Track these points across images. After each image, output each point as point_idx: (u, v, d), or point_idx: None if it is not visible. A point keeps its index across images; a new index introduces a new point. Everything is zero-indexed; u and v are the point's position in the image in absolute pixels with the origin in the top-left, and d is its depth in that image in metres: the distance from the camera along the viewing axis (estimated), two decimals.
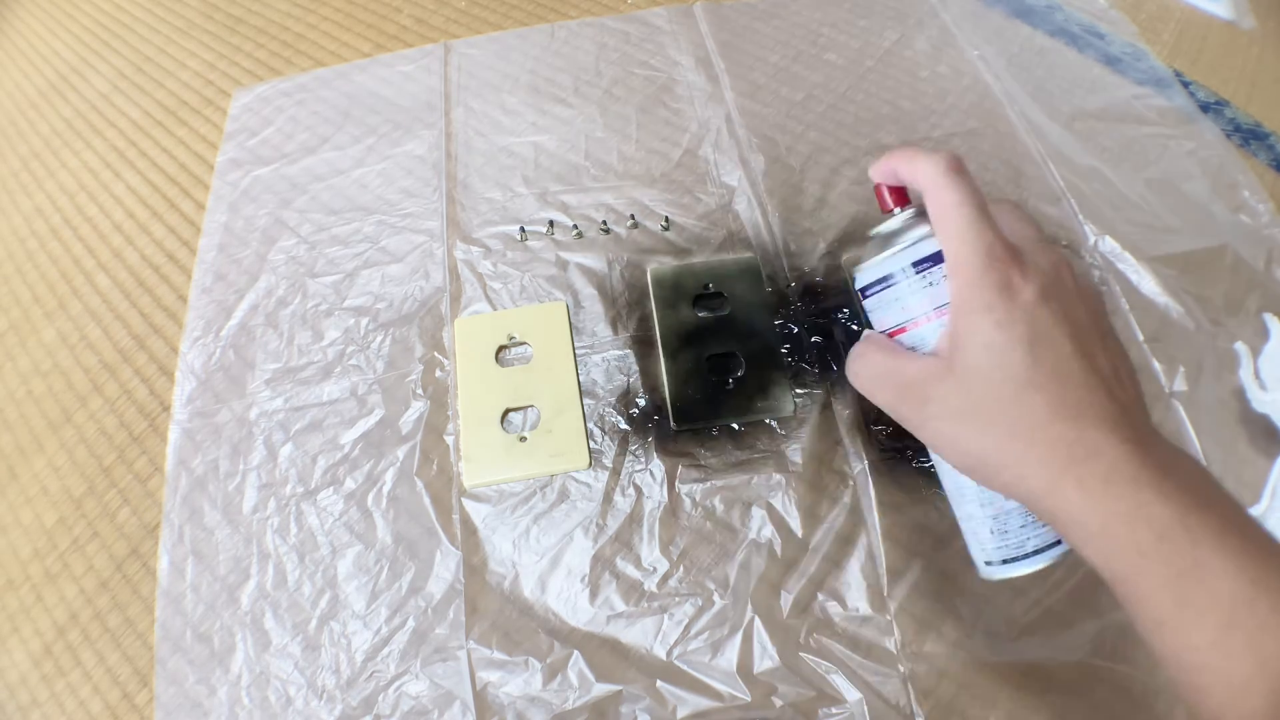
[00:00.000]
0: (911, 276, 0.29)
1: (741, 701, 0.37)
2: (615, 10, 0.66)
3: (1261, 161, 0.55)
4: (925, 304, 0.29)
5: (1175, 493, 0.24)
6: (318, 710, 0.38)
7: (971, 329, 0.26)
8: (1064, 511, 0.25)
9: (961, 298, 0.27)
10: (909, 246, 0.29)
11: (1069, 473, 0.25)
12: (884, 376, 0.29)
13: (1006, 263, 0.26)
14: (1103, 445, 0.25)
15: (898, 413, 0.29)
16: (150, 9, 0.73)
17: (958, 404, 0.27)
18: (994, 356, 0.26)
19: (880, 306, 0.31)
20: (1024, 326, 0.26)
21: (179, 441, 0.46)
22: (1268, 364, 0.44)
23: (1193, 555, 0.23)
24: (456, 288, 0.50)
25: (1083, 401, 0.25)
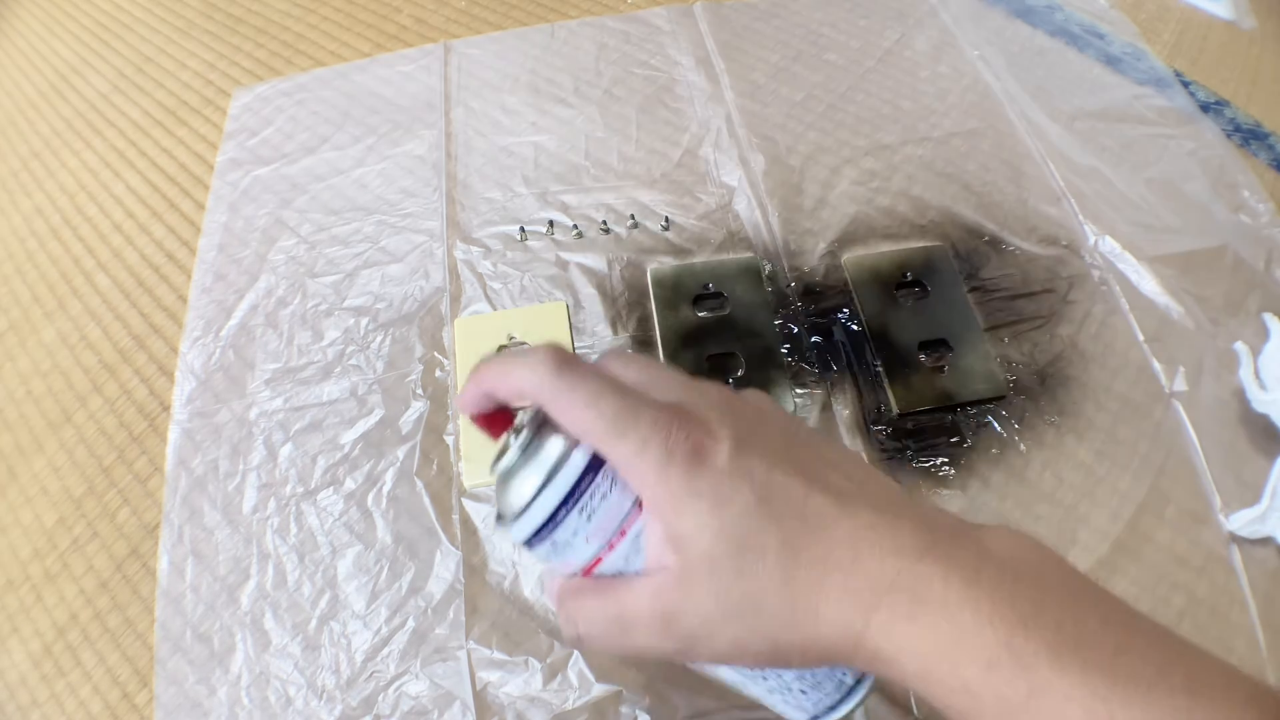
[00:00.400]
0: (576, 505, 0.23)
1: (742, 702, 0.37)
2: (615, 10, 0.66)
3: (1261, 161, 0.55)
4: (607, 524, 0.23)
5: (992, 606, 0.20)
6: (318, 710, 0.38)
7: (690, 525, 0.22)
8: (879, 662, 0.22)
9: (658, 497, 0.22)
10: (554, 473, 0.23)
11: (869, 623, 0.21)
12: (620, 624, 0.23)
13: (683, 430, 0.22)
14: (892, 575, 0.21)
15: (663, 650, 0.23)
16: (150, 9, 0.73)
17: (720, 610, 0.22)
18: (731, 540, 0.22)
19: (557, 552, 0.24)
20: (743, 490, 0.22)
21: (179, 441, 0.46)
22: (1268, 364, 0.44)
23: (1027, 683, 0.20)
24: (456, 288, 0.50)
25: (850, 536, 0.22)
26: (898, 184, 0.54)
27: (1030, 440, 0.43)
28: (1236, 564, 0.39)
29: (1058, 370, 0.46)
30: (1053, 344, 0.46)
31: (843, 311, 0.48)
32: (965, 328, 0.47)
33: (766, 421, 0.24)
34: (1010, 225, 0.51)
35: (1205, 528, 0.41)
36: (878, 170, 0.54)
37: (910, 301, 0.48)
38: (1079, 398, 0.45)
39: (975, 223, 0.51)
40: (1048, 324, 0.47)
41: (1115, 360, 0.46)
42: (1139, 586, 0.39)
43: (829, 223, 0.52)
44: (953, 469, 0.42)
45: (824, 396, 0.45)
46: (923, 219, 0.52)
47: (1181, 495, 0.41)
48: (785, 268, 0.50)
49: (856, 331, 0.47)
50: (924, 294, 0.48)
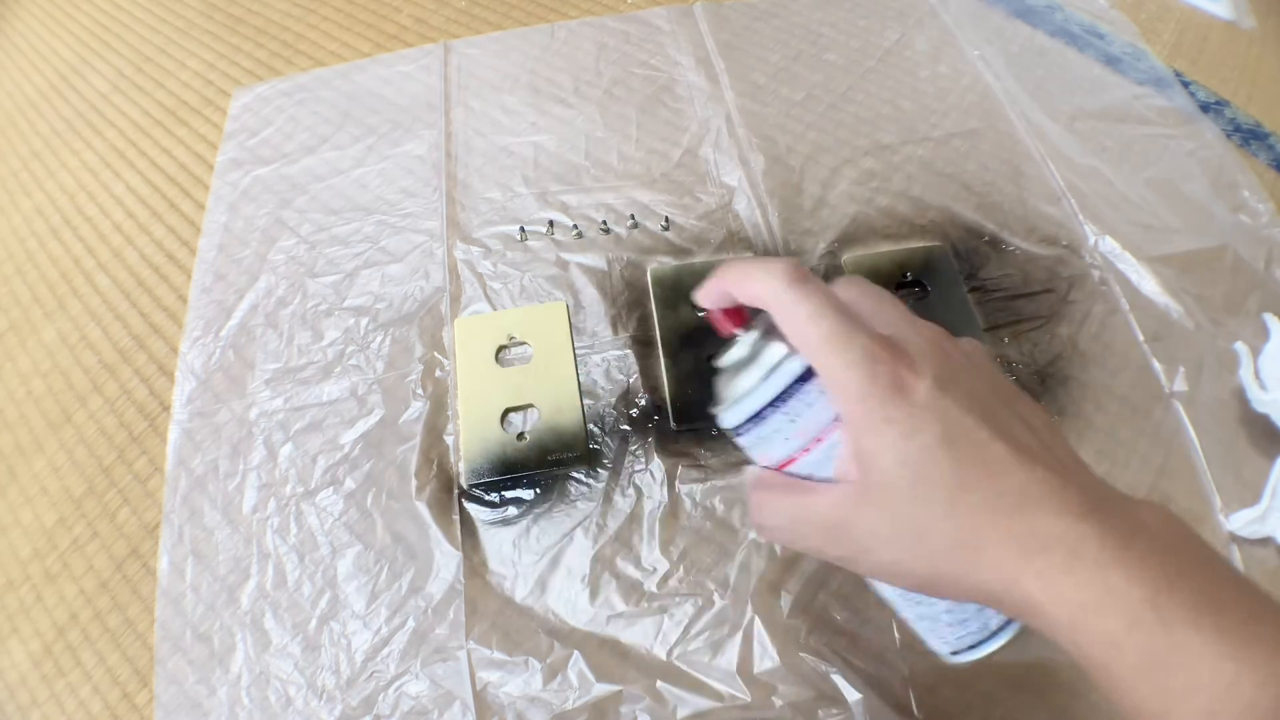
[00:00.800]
0: (784, 405, 0.26)
1: (741, 702, 0.37)
2: (615, 10, 0.66)
3: (1261, 161, 0.55)
4: (808, 429, 0.26)
5: (1141, 569, 0.22)
6: (318, 710, 0.38)
7: (877, 445, 0.24)
8: (1028, 607, 0.23)
9: (855, 416, 0.24)
10: (771, 373, 0.26)
11: (1026, 569, 0.23)
12: (797, 522, 0.26)
13: (890, 361, 0.24)
14: (1055, 531, 0.23)
15: (830, 555, 0.26)
16: (150, 9, 0.73)
17: (888, 529, 0.24)
18: (911, 469, 0.23)
19: (758, 443, 0.27)
20: (933, 426, 0.23)
21: (179, 441, 0.46)
22: (1268, 364, 0.44)
23: (1167, 640, 0.21)
24: (456, 288, 0.50)
25: (1020, 487, 0.23)
26: (898, 184, 0.54)
27: None
28: (1236, 564, 0.39)
29: (1058, 370, 0.46)
30: (1052, 344, 0.46)
31: None
32: (965, 328, 0.47)
33: (972, 368, 0.26)
34: (1010, 225, 0.51)
35: (1205, 528, 0.41)
36: (878, 170, 0.54)
37: (910, 301, 0.48)
38: (1079, 398, 0.45)
39: (975, 223, 0.51)
40: (1047, 324, 0.47)
41: (1115, 360, 0.46)
42: None
43: (829, 223, 0.52)
44: None
45: None
46: (923, 219, 0.52)
47: (1181, 495, 0.42)
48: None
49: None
50: (924, 294, 0.48)
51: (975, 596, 0.25)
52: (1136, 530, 0.23)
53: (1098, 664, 0.23)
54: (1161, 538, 0.23)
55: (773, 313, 0.26)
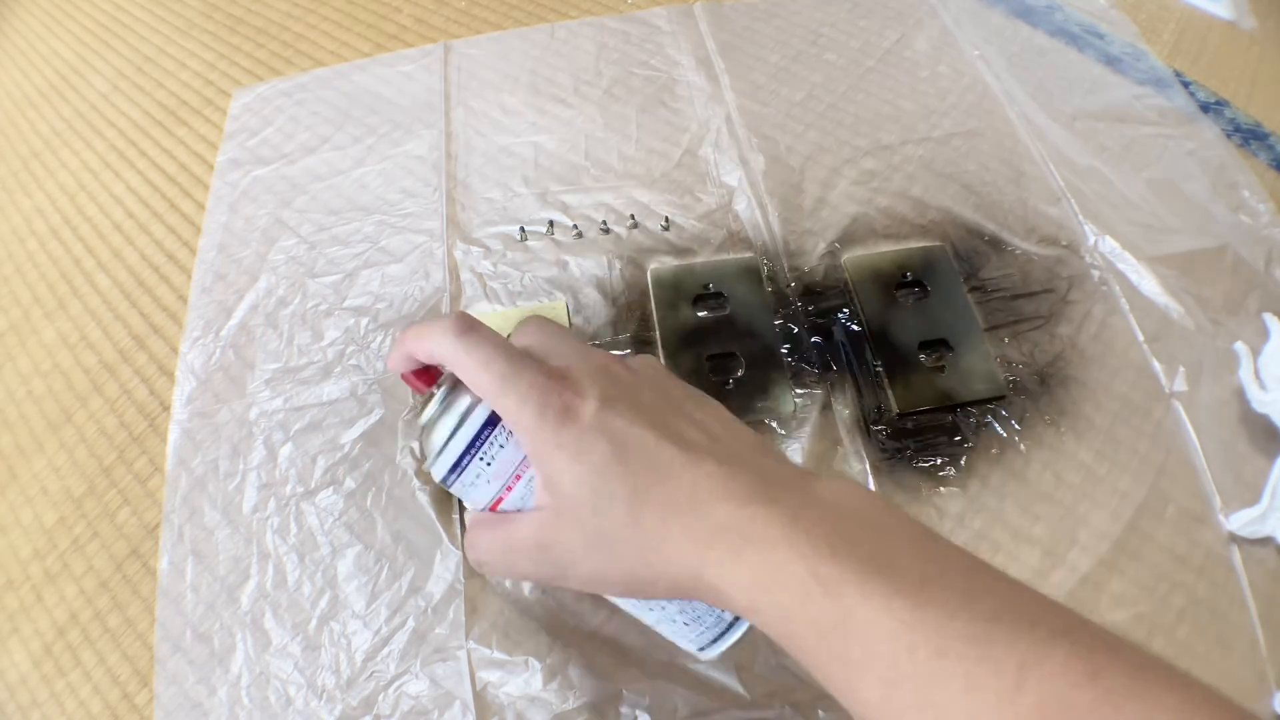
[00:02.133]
0: (479, 451, 0.28)
1: (742, 701, 0.37)
2: (615, 10, 0.66)
3: (1261, 161, 0.55)
4: (506, 469, 0.28)
5: (807, 543, 0.22)
6: (318, 710, 0.38)
7: (555, 470, 0.26)
8: (716, 595, 0.24)
9: (533, 446, 0.26)
10: (460, 424, 0.28)
11: (704, 559, 0.24)
12: (507, 551, 0.28)
13: (558, 391, 0.26)
14: (723, 519, 0.24)
15: (542, 576, 0.28)
16: (150, 9, 0.73)
17: (582, 542, 0.26)
18: (589, 486, 0.25)
19: (466, 490, 0.29)
20: (600, 443, 0.25)
21: (179, 441, 0.46)
22: (1268, 364, 0.44)
23: (835, 609, 0.21)
24: (456, 288, 0.50)
25: (690, 484, 0.25)
26: (898, 184, 0.54)
27: (1030, 440, 0.43)
28: (1236, 564, 0.39)
29: (1057, 370, 0.46)
30: (1052, 344, 0.46)
31: (843, 311, 0.48)
32: (965, 328, 0.47)
33: (640, 384, 0.28)
34: (1010, 225, 0.51)
35: (1205, 528, 0.41)
36: (878, 170, 0.54)
37: (910, 301, 0.48)
38: (1079, 398, 0.45)
39: (975, 223, 0.51)
40: (1048, 324, 0.47)
41: (1115, 360, 0.46)
42: (1139, 587, 0.39)
43: (829, 223, 0.52)
44: (953, 469, 0.42)
45: (824, 396, 0.45)
46: (923, 219, 0.52)
47: (1181, 495, 0.42)
48: (785, 268, 0.50)
49: (856, 331, 0.47)
50: (924, 294, 0.48)
51: (673, 593, 0.26)
52: (806, 505, 0.24)
53: (782, 637, 0.23)
54: (834, 509, 0.24)
55: (450, 366, 0.27)
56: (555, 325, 0.30)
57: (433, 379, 0.30)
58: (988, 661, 0.20)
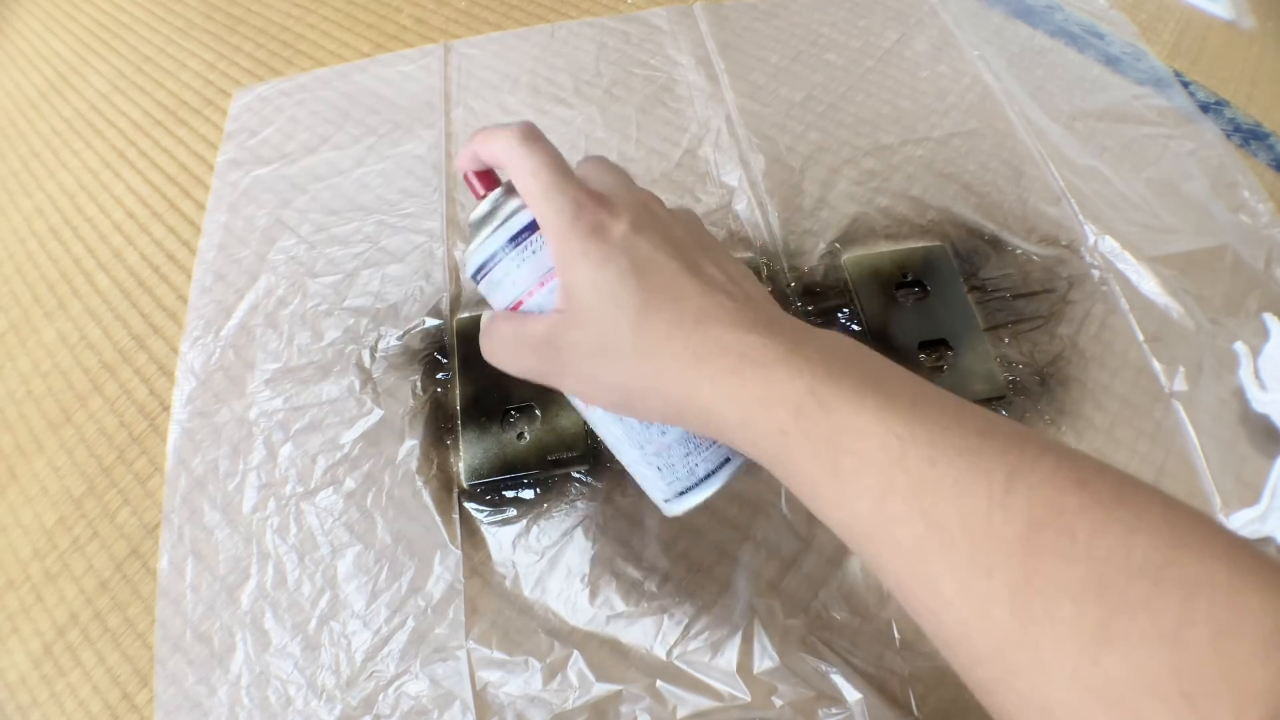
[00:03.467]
0: (512, 251, 0.29)
1: (741, 701, 0.37)
2: (615, 10, 0.66)
3: (1261, 161, 0.55)
4: (532, 273, 0.29)
5: (805, 365, 0.24)
6: (318, 710, 0.38)
7: (576, 276, 0.27)
8: (706, 412, 0.25)
9: (560, 251, 0.27)
10: (503, 224, 0.30)
11: (702, 374, 0.25)
12: (517, 343, 0.29)
13: (593, 208, 0.27)
14: (727, 340, 0.25)
15: (539, 371, 0.29)
16: (150, 9, 0.73)
17: (587, 346, 0.27)
18: (603, 293, 0.27)
19: (493, 288, 0.31)
20: (624, 259, 0.27)
21: (179, 441, 0.46)
22: (1268, 364, 0.44)
23: (830, 423, 0.23)
24: (457, 288, 0.50)
25: (700, 308, 0.26)
26: (898, 184, 0.54)
27: None
28: None
29: (1057, 370, 0.46)
30: (1052, 344, 0.46)
31: (843, 311, 0.48)
32: (965, 328, 0.47)
33: (673, 223, 0.29)
34: (1010, 225, 0.51)
35: None
36: (878, 170, 0.54)
37: (910, 301, 0.48)
38: (1078, 398, 0.45)
39: (975, 223, 0.51)
40: (1048, 324, 0.47)
41: (1115, 360, 0.46)
42: None
43: (829, 223, 0.52)
44: None
45: None
46: (923, 219, 0.52)
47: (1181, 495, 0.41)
48: (785, 268, 0.50)
49: (856, 331, 0.47)
50: (924, 294, 0.48)
51: (663, 411, 0.27)
52: (806, 339, 0.25)
53: (774, 458, 0.24)
54: (833, 347, 0.25)
55: (506, 167, 0.29)
56: (612, 164, 0.31)
57: (491, 185, 0.31)
58: (978, 470, 0.20)
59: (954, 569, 0.20)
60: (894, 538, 0.21)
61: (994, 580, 0.19)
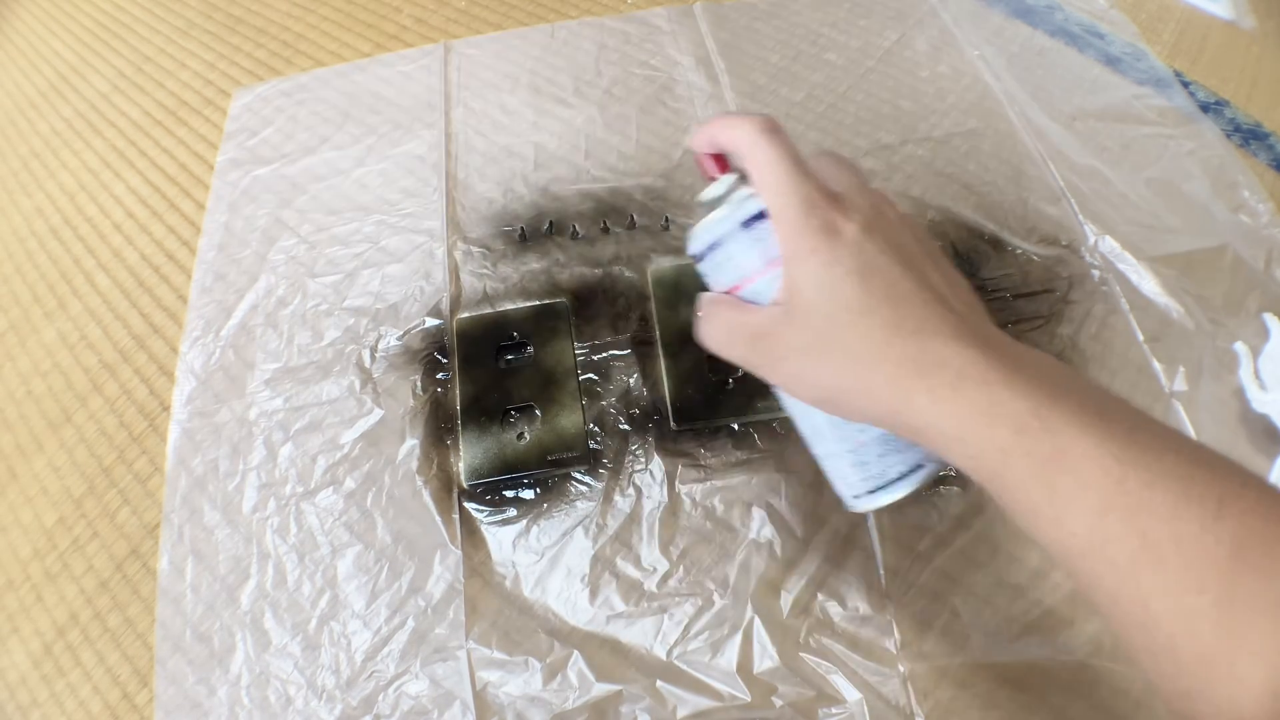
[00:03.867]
0: (740, 235, 0.30)
1: (741, 701, 0.37)
2: (615, 10, 0.66)
3: (1261, 161, 0.55)
4: (757, 260, 0.30)
5: (1026, 387, 0.24)
6: (318, 710, 0.38)
7: (802, 272, 0.27)
8: (922, 423, 0.25)
9: (789, 245, 0.28)
10: (734, 208, 0.30)
11: (919, 385, 0.25)
12: (734, 331, 0.30)
13: (826, 207, 0.28)
14: (947, 354, 0.25)
15: (750, 362, 0.30)
16: (150, 9, 0.73)
17: (802, 342, 0.27)
18: (827, 292, 0.27)
19: (715, 269, 0.31)
20: (851, 260, 0.27)
21: (179, 441, 0.46)
22: (1268, 364, 0.44)
23: (1052, 443, 0.23)
24: (457, 288, 0.50)
25: (920, 317, 0.26)
26: (898, 184, 0.54)
27: None
28: None
29: None
30: (1053, 344, 0.46)
31: None
32: None
33: (903, 226, 0.29)
34: (1010, 225, 0.51)
35: None
36: (878, 170, 0.54)
37: None
38: None
39: (975, 223, 0.51)
40: (1048, 324, 0.47)
41: (1115, 360, 0.46)
42: None
43: None
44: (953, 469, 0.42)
45: None
46: (923, 219, 0.52)
47: None
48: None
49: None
50: None
51: (871, 414, 0.27)
52: (1024, 361, 0.25)
53: (990, 473, 0.25)
54: (1048, 369, 0.25)
55: (743, 155, 0.30)
56: (848, 161, 0.32)
57: (724, 166, 0.32)
58: (1191, 495, 0.21)
59: (1166, 586, 0.21)
60: (1109, 556, 0.22)
61: (1203, 597, 0.21)
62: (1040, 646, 0.38)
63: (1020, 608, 0.39)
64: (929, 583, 0.40)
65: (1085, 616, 0.38)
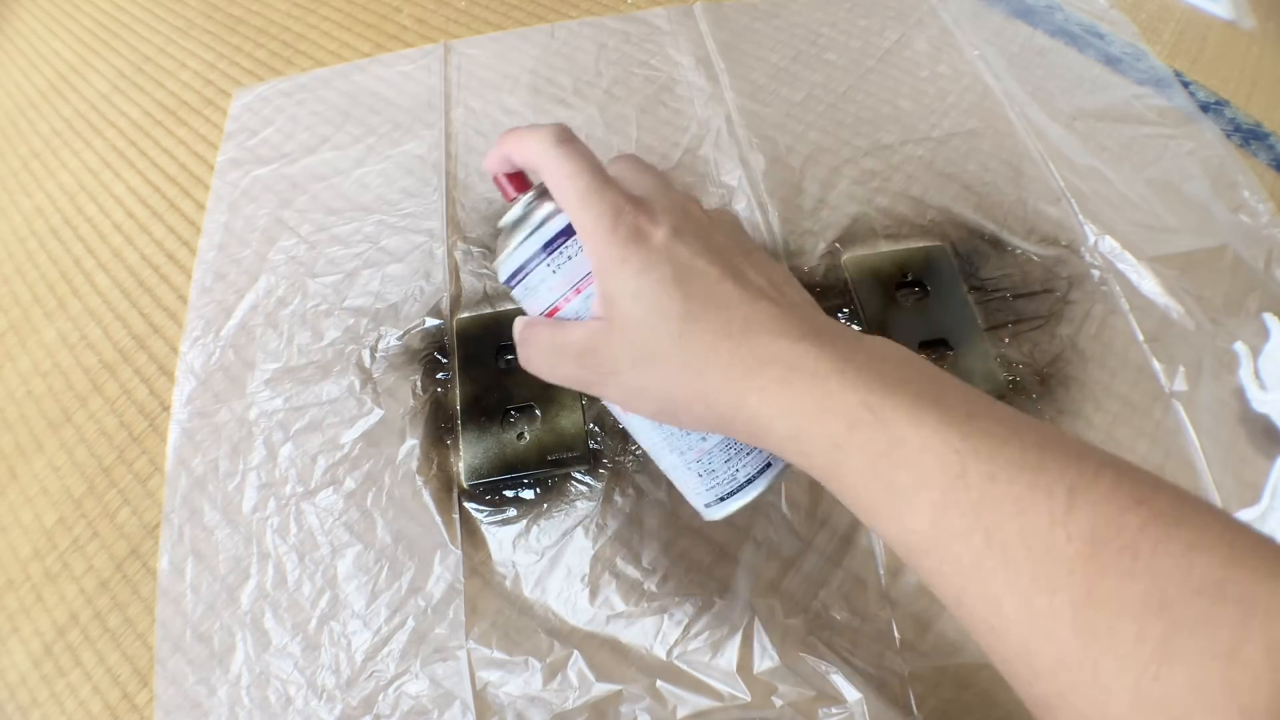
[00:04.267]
0: (547, 257, 0.29)
1: (741, 701, 0.37)
2: (615, 10, 0.66)
3: (1261, 161, 0.55)
4: (569, 279, 0.29)
5: (859, 377, 0.23)
6: (318, 710, 0.38)
7: (616, 283, 0.26)
8: (753, 423, 0.25)
9: (599, 259, 0.27)
10: (537, 229, 0.29)
11: (749, 385, 0.24)
12: (557, 351, 0.29)
13: (633, 214, 0.27)
14: (775, 349, 0.24)
15: (580, 380, 0.29)
16: (150, 9, 0.73)
17: (629, 355, 0.26)
18: (645, 301, 0.26)
19: (528, 294, 0.30)
20: (664, 266, 0.26)
21: (179, 441, 0.46)
22: (1268, 364, 0.44)
23: (887, 436, 0.22)
24: (457, 288, 0.50)
25: (745, 316, 0.25)
26: (898, 184, 0.54)
27: None
28: None
29: (1057, 370, 0.46)
30: (1052, 344, 0.46)
31: (843, 311, 0.48)
32: (965, 328, 0.47)
33: (713, 227, 0.29)
34: (1010, 225, 0.51)
35: None
36: (878, 170, 0.54)
37: (910, 301, 0.48)
38: (1078, 398, 0.45)
39: (975, 223, 0.51)
40: (1048, 324, 0.47)
41: (1115, 360, 0.46)
42: None
43: (829, 223, 0.52)
44: None
45: None
46: (923, 219, 0.52)
47: None
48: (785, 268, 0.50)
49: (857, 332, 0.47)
50: (924, 294, 0.48)
51: (707, 421, 0.26)
52: (857, 349, 0.25)
53: (826, 471, 0.24)
54: (883, 356, 0.25)
55: (540, 171, 0.28)
56: (648, 164, 0.31)
57: (523, 188, 0.31)
58: (1038, 486, 0.20)
59: (1015, 586, 0.20)
60: (953, 554, 0.21)
61: (1056, 598, 0.19)
62: None
63: None
64: None
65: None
